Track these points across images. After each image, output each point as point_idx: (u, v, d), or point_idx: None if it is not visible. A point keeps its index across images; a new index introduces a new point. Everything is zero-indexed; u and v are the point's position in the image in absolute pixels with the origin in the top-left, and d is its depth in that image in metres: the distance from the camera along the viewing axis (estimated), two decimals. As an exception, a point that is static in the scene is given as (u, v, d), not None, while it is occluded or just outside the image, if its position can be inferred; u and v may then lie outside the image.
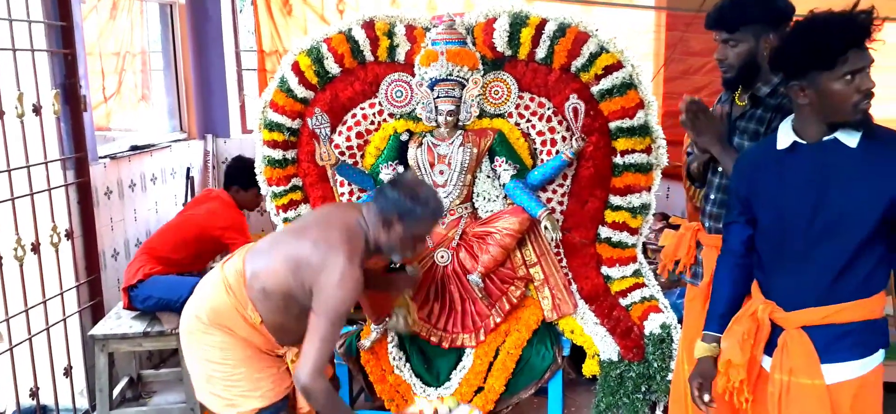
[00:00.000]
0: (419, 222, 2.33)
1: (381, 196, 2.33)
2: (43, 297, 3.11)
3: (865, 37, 1.70)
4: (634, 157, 3.16)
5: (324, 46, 3.28)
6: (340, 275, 2.15)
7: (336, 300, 2.16)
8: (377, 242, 2.33)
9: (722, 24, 2.21)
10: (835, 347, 1.81)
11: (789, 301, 1.87)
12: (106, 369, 3.23)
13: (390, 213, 2.29)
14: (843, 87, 1.71)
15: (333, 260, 2.17)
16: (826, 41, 1.69)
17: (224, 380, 2.31)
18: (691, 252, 2.50)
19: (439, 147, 3.26)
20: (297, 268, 2.22)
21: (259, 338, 2.32)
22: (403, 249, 2.37)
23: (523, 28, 3.13)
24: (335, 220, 2.32)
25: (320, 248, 2.20)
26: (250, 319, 2.28)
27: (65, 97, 3.29)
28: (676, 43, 4.55)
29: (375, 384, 3.15)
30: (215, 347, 2.31)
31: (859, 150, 1.76)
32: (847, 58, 1.69)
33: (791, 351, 1.85)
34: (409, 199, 2.30)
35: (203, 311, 2.32)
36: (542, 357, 3.10)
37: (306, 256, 2.21)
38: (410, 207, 2.29)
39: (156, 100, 4.76)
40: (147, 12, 4.62)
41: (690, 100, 2.22)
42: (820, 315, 1.82)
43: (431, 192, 2.40)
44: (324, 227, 2.28)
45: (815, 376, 1.81)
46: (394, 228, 2.31)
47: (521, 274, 3.24)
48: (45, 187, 3.12)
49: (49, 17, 3.20)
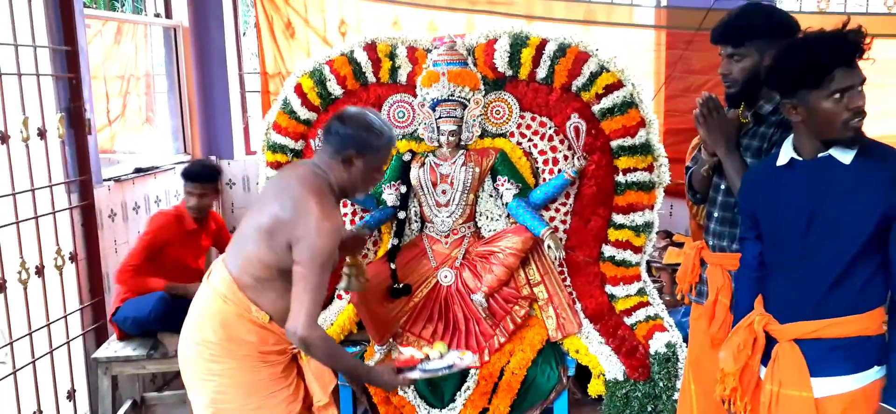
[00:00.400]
0: (379, 152, 2.22)
1: (332, 136, 2.20)
2: (47, 320, 3.11)
3: (853, 55, 1.72)
4: (636, 175, 3.16)
5: (326, 68, 3.30)
6: (315, 220, 2.06)
7: (317, 247, 2.05)
8: (340, 183, 2.22)
9: (727, 38, 2.22)
10: (825, 360, 1.83)
11: (784, 313, 1.91)
12: (109, 392, 3.22)
13: (348, 150, 2.17)
14: (832, 105, 1.73)
15: (304, 209, 2.08)
16: (813, 60, 1.72)
17: (233, 410, 2.21)
18: (695, 271, 2.49)
19: (442, 167, 3.27)
20: (272, 234, 2.12)
21: (272, 337, 2.21)
22: (365, 183, 2.25)
23: (524, 48, 3.15)
24: (292, 178, 2.20)
25: (287, 205, 2.11)
26: (259, 320, 2.18)
27: (69, 121, 3.31)
28: (677, 61, 4.56)
29: (379, 406, 3.14)
30: (224, 375, 2.21)
31: (853, 166, 1.78)
32: (833, 76, 1.71)
33: (782, 363, 1.87)
34: (364, 131, 2.18)
35: (210, 331, 2.21)
36: (548, 377, 3.08)
37: (277, 217, 2.11)
38: (367, 138, 2.18)
39: (160, 122, 4.79)
40: (151, 36, 4.66)
41: (708, 96, 2.23)
42: (811, 328, 1.84)
43: (380, 117, 2.29)
44: (283, 188, 2.18)
45: (803, 389, 1.83)
46: (354, 165, 2.19)
47: (524, 293, 3.24)
48: (50, 210, 3.13)
49: (54, 42, 3.23)
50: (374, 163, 2.22)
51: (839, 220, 1.78)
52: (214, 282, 2.25)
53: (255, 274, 2.18)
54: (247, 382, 2.22)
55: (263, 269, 2.16)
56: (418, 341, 3.16)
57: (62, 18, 3.26)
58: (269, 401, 2.24)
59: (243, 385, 2.22)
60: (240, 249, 2.23)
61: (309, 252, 2.06)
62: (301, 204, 2.08)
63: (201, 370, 2.24)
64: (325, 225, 2.06)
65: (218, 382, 2.21)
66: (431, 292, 3.26)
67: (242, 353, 2.21)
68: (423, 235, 3.37)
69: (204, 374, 2.24)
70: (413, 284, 3.25)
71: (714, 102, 2.23)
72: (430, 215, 3.32)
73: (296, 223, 2.07)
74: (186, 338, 2.28)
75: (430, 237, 3.33)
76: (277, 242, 2.11)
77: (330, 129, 2.21)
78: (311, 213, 2.06)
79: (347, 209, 3.43)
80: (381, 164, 2.27)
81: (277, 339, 2.23)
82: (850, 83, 1.73)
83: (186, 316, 2.32)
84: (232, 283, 2.20)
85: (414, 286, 3.24)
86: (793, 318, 1.88)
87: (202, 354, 2.22)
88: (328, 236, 2.07)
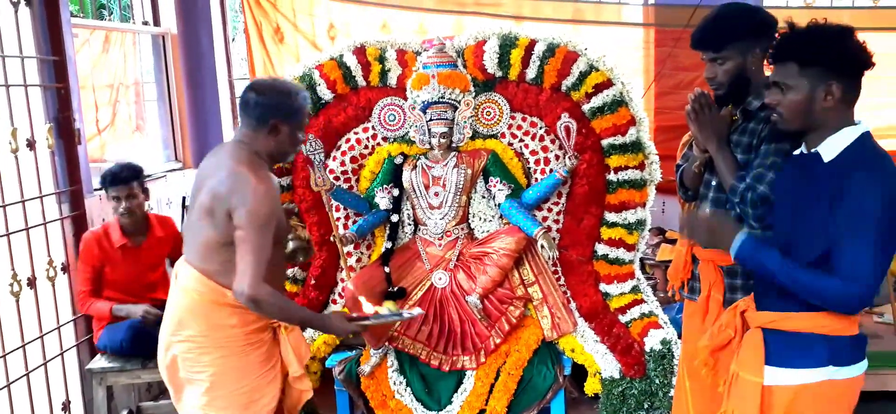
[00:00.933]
0: (300, 113, 2.31)
1: (251, 109, 2.27)
2: (40, 331, 3.09)
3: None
4: (628, 173, 3.17)
5: (316, 73, 3.30)
6: (250, 186, 2.14)
7: (253, 209, 2.13)
8: (268, 151, 2.30)
9: (707, 43, 2.22)
10: (781, 351, 1.86)
11: (759, 300, 1.96)
12: (104, 403, 3.21)
13: (272, 118, 2.26)
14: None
15: (237, 178, 2.16)
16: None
17: (226, 397, 2.28)
18: (687, 267, 2.50)
19: (434, 169, 3.27)
20: (212, 212, 2.19)
21: (252, 315, 2.27)
22: (292, 145, 2.34)
23: (513, 49, 3.16)
24: (221, 157, 2.28)
25: (222, 178, 2.18)
26: (235, 302, 2.22)
27: (58, 131, 3.29)
28: (666, 58, 4.58)
29: (376, 410, 3.14)
30: (214, 365, 2.27)
31: (831, 166, 1.78)
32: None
33: (744, 348, 1.93)
34: (284, 98, 2.27)
35: (193, 326, 2.26)
36: (544, 377, 3.09)
37: (213, 193, 2.18)
38: (288, 103, 2.27)
39: (150, 130, 4.77)
40: (140, 44, 4.64)
41: (700, 93, 2.23)
42: (770, 318, 1.89)
43: (285, 79, 2.37)
44: (215, 168, 2.26)
45: (755, 374, 1.87)
46: (281, 131, 2.27)
47: (519, 294, 3.24)
48: (41, 222, 3.11)
49: (42, 52, 3.21)
50: (297, 124, 2.32)
51: (805, 221, 1.79)
52: (183, 281, 2.31)
53: (216, 258, 2.24)
54: (237, 367, 2.29)
55: (219, 249, 2.22)
56: (413, 344, 3.16)
57: (49, 28, 3.24)
58: (261, 381, 2.32)
59: (234, 370, 2.29)
60: (194, 241, 2.29)
61: (246, 216, 2.14)
62: (234, 175, 2.17)
63: (190, 367, 2.30)
64: (260, 188, 2.16)
65: (209, 373, 2.28)
66: (426, 295, 3.26)
67: (228, 339, 2.28)
68: (416, 237, 3.37)
69: (194, 370, 2.30)
70: (408, 286, 3.25)
71: (705, 99, 2.23)
72: (423, 218, 3.32)
73: (231, 193, 2.16)
74: (169, 342, 2.33)
75: (424, 240, 3.33)
76: (218, 218, 2.19)
77: (248, 103, 2.28)
78: (244, 179, 2.15)
79: (340, 213, 3.42)
80: (303, 123, 2.37)
81: (257, 316, 2.30)
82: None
83: (161, 324, 2.37)
84: (199, 275, 2.26)
85: (409, 289, 3.25)
86: (762, 306, 1.93)
87: (190, 349, 2.28)
88: (263, 198, 2.16)
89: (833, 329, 1.80)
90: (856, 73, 1.78)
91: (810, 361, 1.82)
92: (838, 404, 1.84)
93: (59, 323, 3.23)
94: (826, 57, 1.76)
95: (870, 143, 1.79)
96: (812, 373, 1.82)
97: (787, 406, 1.83)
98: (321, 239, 3.36)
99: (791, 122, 1.83)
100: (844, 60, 1.76)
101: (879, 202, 1.68)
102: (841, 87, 1.76)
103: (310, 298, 3.43)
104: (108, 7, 6.31)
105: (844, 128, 1.79)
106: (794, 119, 1.82)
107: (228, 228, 2.18)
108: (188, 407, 2.35)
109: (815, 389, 1.82)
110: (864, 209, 1.69)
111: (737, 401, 1.90)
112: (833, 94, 1.76)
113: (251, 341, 2.31)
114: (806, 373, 1.82)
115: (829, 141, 1.79)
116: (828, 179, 1.77)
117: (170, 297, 2.37)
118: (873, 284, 1.73)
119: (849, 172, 1.73)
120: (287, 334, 2.38)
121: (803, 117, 1.81)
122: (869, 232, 1.69)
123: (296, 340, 2.43)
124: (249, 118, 2.28)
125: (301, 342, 2.46)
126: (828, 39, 1.77)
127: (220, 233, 2.20)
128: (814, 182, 1.81)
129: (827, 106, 1.77)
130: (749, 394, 1.87)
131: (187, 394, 2.35)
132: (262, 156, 2.29)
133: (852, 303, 1.75)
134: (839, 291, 1.73)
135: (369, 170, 3.38)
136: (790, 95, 1.80)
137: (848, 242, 1.71)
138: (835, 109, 1.78)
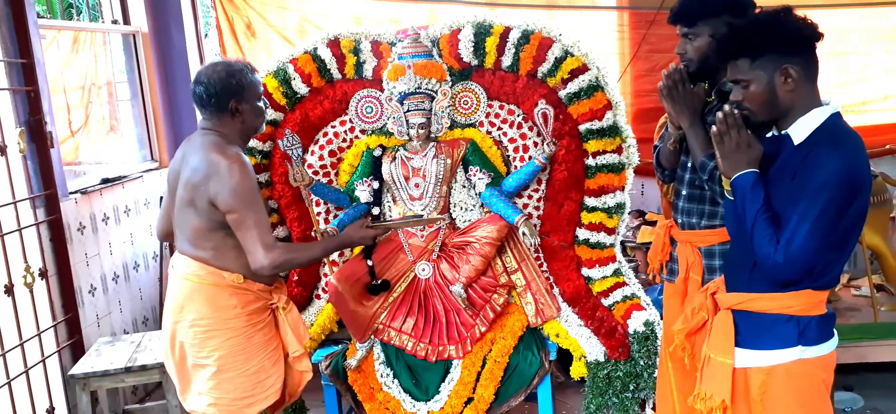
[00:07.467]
0: (252, 85, 2.39)
1: (207, 100, 2.34)
2: (20, 339, 3.05)
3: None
4: (606, 157, 3.19)
5: (290, 67, 3.27)
6: (225, 168, 2.21)
7: (237, 187, 2.21)
8: (237, 132, 2.39)
9: (681, 17, 2.26)
10: (750, 333, 1.89)
11: (728, 282, 2.00)
12: (89, 408, 3.18)
13: (228, 101, 2.33)
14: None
15: (211, 164, 2.23)
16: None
17: (234, 380, 2.36)
18: (666, 249, 2.54)
19: (413, 160, 3.27)
20: (193, 201, 2.26)
21: (251, 294, 2.36)
22: (257, 118, 2.43)
23: (488, 37, 3.15)
24: (191, 149, 2.35)
25: (196, 167, 2.25)
26: (234, 282, 2.32)
27: (30, 135, 3.24)
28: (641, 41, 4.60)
29: (364, 403, 3.14)
30: (222, 349, 2.34)
31: (798, 149, 1.80)
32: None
33: (715, 330, 1.96)
34: (230, 78, 2.33)
35: (195, 311, 2.33)
36: (530, 363, 3.11)
37: (190, 183, 2.26)
38: (237, 81, 2.34)
39: (125, 130, 4.71)
40: (110, 43, 4.57)
41: (675, 68, 2.25)
42: (738, 299, 1.91)
43: (222, 61, 2.47)
44: (187, 159, 2.33)
45: (727, 356, 1.90)
46: (240, 110, 2.35)
47: (502, 281, 3.25)
48: (16, 227, 3.07)
49: (9, 55, 3.15)
50: (255, 95, 2.41)
51: (773, 198, 1.81)
52: (181, 270, 2.41)
53: (207, 244, 2.33)
54: (243, 348, 2.38)
55: (208, 235, 2.30)
56: (399, 336, 3.17)
57: (16, 30, 3.18)
58: (266, 362, 2.43)
59: (241, 352, 2.38)
60: (183, 232, 2.37)
61: (231, 196, 2.22)
62: (206, 162, 2.24)
63: (197, 353, 2.38)
64: (235, 166, 2.24)
65: (216, 357, 2.36)
66: (410, 286, 3.26)
67: (231, 321, 2.36)
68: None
69: (201, 355, 2.38)
70: (391, 279, 3.25)
71: (679, 74, 2.25)
72: (404, 210, 3.32)
73: (207, 180, 2.23)
74: (175, 328, 2.40)
75: (406, 231, 3.33)
76: (200, 206, 2.26)
77: (202, 98, 2.35)
78: (217, 164, 2.23)
79: (321, 207, 3.41)
80: (259, 91, 2.46)
81: (256, 295, 2.40)
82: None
83: (162, 318, 2.47)
84: (195, 262, 2.34)
85: (392, 281, 3.25)
86: (731, 288, 1.97)
87: (196, 334, 2.36)
88: (241, 174, 2.24)
89: (800, 309, 1.82)
90: (807, 47, 1.79)
91: (779, 342, 1.84)
92: (812, 382, 1.86)
93: (39, 329, 3.19)
94: (773, 43, 1.77)
95: (839, 123, 1.81)
96: (782, 353, 1.84)
97: (761, 387, 1.86)
98: (302, 235, 3.34)
99: (760, 114, 1.85)
100: (791, 40, 1.77)
101: (834, 179, 1.69)
102: (797, 67, 1.77)
103: (293, 294, 3.42)
104: (77, 6, 6.20)
105: (813, 109, 1.80)
106: (762, 110, 1.84)
107: (213, 214, 2.25)
108: (196, 396, 2.40)
109: (787, 370, 1.84)
110: (818, 185, 1.70)
111: (709, 383, 1.93)
112: (791, 75, 1.77)
113: (253, 322, 2.39)
114: (776, 354, 1.85)
115: (799, 122, 1.81)
116: (794, 159, 1.79)
117: (169, 288, 2.44)
118: (799, 261, 1.72)
119: (812, 151, 1.76)
120: (285, 314, 2.47)
121: (770, 107, 1.83)
122: (814, 210, 1.70)
123: (294, 320, 2.52)
124: (208, 109, 2.35)
125: (299, 322, 2.55)
126: (769, 25, 1.78)
127: (205, 220, 2.27)
128: (782, 163, 1.83)
129: (788, 89, 1.79)
130: (721, 375, 1.89)
131: (195, 382, 2.41)
132: (232, 138, 2.37)
133: (771, 268, 1.77)
134: (768, 253, 1.75)
135: (348, 163, 3.36)
136: (751, 89, 1.82)
137: (792, 214, 1.73)
138: (798, 90, 1.79)
